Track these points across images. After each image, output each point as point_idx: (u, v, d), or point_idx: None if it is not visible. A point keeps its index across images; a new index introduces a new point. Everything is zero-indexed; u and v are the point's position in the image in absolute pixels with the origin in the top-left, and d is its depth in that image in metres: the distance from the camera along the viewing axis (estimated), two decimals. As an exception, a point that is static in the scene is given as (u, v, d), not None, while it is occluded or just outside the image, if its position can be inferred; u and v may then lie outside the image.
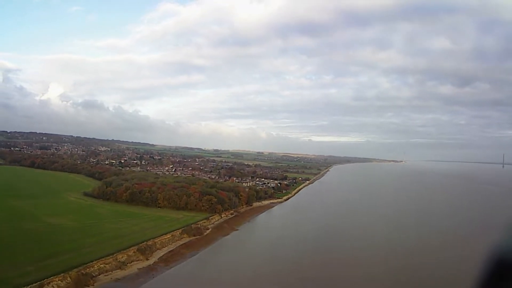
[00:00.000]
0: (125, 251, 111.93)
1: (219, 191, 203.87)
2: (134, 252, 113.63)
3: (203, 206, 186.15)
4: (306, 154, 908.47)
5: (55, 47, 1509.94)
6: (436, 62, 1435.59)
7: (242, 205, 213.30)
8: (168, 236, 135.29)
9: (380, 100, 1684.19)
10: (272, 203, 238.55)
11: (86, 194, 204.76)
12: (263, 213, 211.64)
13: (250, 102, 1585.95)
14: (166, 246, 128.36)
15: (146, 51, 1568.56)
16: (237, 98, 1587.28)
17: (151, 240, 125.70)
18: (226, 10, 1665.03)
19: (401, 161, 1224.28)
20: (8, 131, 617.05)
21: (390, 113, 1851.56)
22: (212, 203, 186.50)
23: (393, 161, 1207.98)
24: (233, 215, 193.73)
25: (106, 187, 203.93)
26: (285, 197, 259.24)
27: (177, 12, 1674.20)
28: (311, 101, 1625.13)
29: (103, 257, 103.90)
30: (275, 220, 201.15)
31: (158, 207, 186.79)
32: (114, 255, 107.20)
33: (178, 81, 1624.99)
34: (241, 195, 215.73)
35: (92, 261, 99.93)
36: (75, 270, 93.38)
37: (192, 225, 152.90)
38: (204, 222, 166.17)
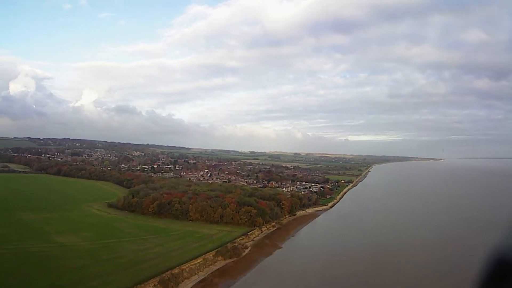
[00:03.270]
0: (142, 284, 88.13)
1: (259, 200, 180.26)
2: (154, 285, 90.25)
3: (240, 219, 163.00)
4: (344, 154, 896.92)
5: (87, 54, 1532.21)
6: (472, 55, 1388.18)
7: (285, 215, 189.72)
8: (199, 261, 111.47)
9: (416, 97, 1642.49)
10: (317, 211, 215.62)
11: (110, 205, 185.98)
12: (309, 224, 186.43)
13: (285, 103, 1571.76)
14: (196, 274, 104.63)
15: (178, 55, 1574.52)
16: (272, 99, 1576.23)
17: (178, 267, 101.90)
18: (256, 10, 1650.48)
19: (440, 159, 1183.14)
20: (41, 138, 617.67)
21: (425, 110, 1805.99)
22: (251, 216, 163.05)
23: (432, 159, 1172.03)
24: (275, 228, 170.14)
25: (132, 197, 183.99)
26: (330, 204, 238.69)
27: (207, 14, 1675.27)
28: (346, 100, 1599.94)
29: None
30: (323, 233, 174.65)
31: (189, 220, 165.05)
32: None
33: (212, 84, 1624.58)
34: (283, 204, 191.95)
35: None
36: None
37: (228, 245, 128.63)
38: (242, 239, 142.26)
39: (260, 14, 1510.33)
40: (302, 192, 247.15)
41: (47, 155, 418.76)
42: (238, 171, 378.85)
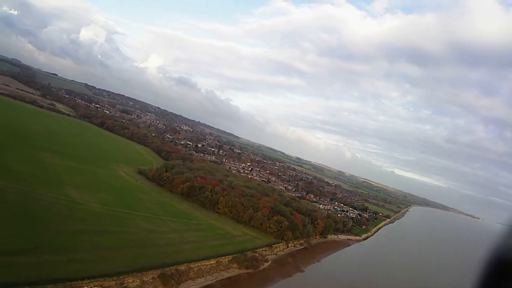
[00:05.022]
0: (140, 273, 77.12)
1: (294, 212, 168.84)
2: (153, 278, 79.14)
3: (270, 227, 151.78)
4: (386, 186, 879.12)
5: (162, 20, 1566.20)
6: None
7: (316, 236, 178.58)
8: (212, 262, 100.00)
9: (471, 148, 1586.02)
10: (349, 239, 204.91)
11: (140, 172, 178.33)
12: (337, 252, 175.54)
13: (343, 119, 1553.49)
14: (203, 276, 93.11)
15: (250, 44, 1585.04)
16: (331, 112, 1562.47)
17: (186, 264, 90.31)
18: (337, 20, 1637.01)
19: (478, 218, 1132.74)
20: (97, 87, 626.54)
21: (477, 164, 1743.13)
22: (281, 227, 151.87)
23: (470, 215, 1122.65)
24: (301, 247, 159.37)
25: (165, 171, 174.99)
26: (364, 235, 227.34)
27: (288, 12, 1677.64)
28: (403, 132, 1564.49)
29: (100, 277, 69.71)
30: (350, 266, 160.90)
31: (216, 212, 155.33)
32: (120, 277, 72.65)
33: (277, 81, 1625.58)
34: (317, 223, 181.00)
35: (76, 280, 65.91)
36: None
37: (248, 253, 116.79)
38: (265, 250, 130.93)
39: (340, 25, 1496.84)
40: (339, 215, 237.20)
41: (97, 105, 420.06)
42: (280, 174, 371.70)
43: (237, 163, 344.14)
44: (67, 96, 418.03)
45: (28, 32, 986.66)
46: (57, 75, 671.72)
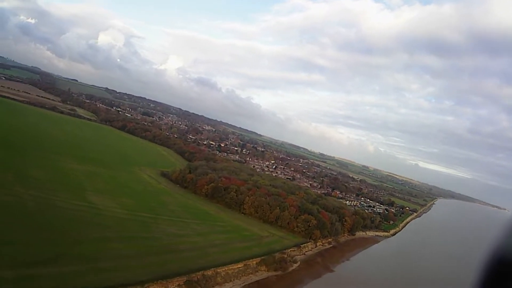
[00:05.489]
0: (165, 281, 74.21)
1: (321, 210, 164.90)
2: (178, 285, 76.27)
3: (297, 226, 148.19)
4: (411, 179, 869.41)
5: (181, 22, 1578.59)
6: None
7: (344, 233, 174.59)
8: (239, 266, 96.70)
9: (495, 138, 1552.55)
10: (377, 235, 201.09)
11: (163, 174, 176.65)
12: (366, 250, 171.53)
13: (365, 113, 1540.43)
14: (231, 281, 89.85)
15: (269, 41, 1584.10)
16: (352, 106, 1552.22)
17: (213, 269, 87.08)
18: (355, 14, 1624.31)
19: (505, 209, 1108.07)
20: (118, 91, 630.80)
21: (501, 154, 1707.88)
22: (309, 226, 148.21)
23: (496, 206, 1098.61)
24: (330, 246, 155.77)
25: (189, 172, 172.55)
26: (392, 231, 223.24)
27: (305, 7, 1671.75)
28: (425, 124, 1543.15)
29: (123, 286, 66.91)
30: (380, 263, 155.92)
31: (242, 213, 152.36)
32: (145, 286, 69.85)
33: (297, 78, 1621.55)
34: (345, 221, 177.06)
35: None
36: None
37: (277, 254, 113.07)
38: (293, 251, 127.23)
39: (358, 18, 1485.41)
40: (366, 211, 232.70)
41: (118, 109, 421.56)
42: (304, 170, 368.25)
43: (261, 162, 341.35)
44: (87, 101, 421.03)
45: (47, 40, 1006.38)
46: (77, 80, 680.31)
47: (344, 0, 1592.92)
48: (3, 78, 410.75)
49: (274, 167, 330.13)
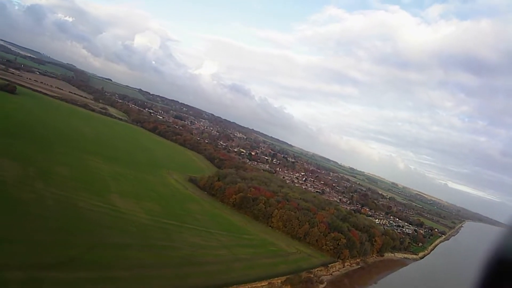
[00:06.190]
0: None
1: (351, 229, 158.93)
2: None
3: (326, 244, 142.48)
4: (440, 199, 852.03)
5: (217, 28, 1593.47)
6: None
7: (372, 254, 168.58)
8: (263, 284, 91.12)
9: None
10: (405, 258, 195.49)
11: (191, 180, 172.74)
12: (395, 273, 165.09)
13: (397, 129, 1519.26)
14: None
15: (305, 51, 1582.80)
16: (384, 122, 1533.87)
17: (235, 285, 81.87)
18: (391, 27, 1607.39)
19: None
20: (151, 93, 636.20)
21: None
22: (338, 244, 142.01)
23: None
24: (358, 266, 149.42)
25: (218, 180, 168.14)
26: (421, 253, 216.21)
27: (342, 19, 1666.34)
28: (457, 143, 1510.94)
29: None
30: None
31: (269, 226, 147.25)
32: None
33: (331, 90, 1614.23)
34: (375, 241, 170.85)
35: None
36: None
37: (303, 273, 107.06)
38: (320, 270, 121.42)
39: (395, 32, 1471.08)
40: (395, 231, 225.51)
41: (150, 110, 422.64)
42: (334, 184, 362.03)
43: (291, 173, 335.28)
44: (120, 100, 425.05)
45: (83, 38, 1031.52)
46: (111, 80, 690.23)
47: (381, 13, 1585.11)
48: (37, 72, 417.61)
49: (304, 179, 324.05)
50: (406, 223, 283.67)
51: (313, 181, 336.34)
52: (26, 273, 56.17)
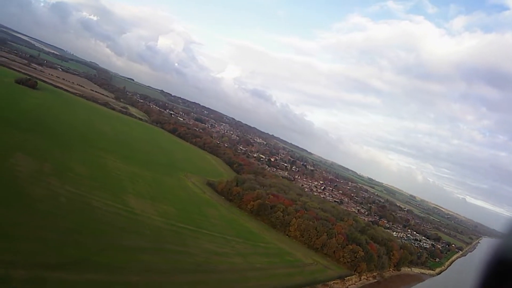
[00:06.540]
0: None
1: (370, 241, 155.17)
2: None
3: (343, 256, 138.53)
4: (457, 214, 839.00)
5: (241, 33, 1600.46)
6: None
7: (389, 267, 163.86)
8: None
9: None
10: (422, 273, 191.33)
11: (209, 184, 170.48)
12: None
13: (417, 141, 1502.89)
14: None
15: (328, 59, 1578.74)
16: (405, 133, 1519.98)
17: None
18: (415, 38, 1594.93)
19: None
20: (172, 95, 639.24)
21: None
22: (356, 257, 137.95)
23: None
24: (374, 281, 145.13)
25: (236, 185, 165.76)
26: (437, 269, 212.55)
27: (366, 28, 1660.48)
28: (477, 158, 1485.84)
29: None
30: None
31: (286, 234, 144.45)
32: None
33: (352, 99, 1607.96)
34: (392, 254, 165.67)
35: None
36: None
37: (319, 286, 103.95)
38: (336, 283, 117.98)
39: (418, 43, 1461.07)
40: (413, 245, 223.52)
41: (171, 112, 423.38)
42: (352, 195, 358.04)
43: (310, 181, 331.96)
44: (141, 100, 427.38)
45: (107, 37, 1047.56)
46: (133, 80, 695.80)
47: (406, 23, 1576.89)
48: (60, 69, 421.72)
49: (322, 188, 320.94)
50: (423, 237, 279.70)
51: (332, 190, 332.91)
52: (30, 272, 53.72)
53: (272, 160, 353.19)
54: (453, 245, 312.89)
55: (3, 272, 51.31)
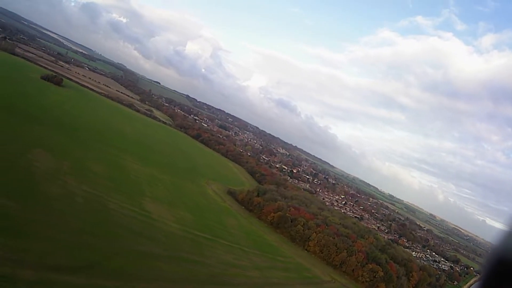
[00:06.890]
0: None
1: (390, 261, 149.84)
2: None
3: (362, 276, 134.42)
4: (476, 236, 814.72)
5: (268, 41, 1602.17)
6: None
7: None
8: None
9: None
10: None
11: (230, 193, 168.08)
12: None
13: (440, 159, 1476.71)
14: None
15: (354, 73, 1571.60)
16: (429, 151, 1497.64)
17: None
18: (444, 54, 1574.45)
19: None
20: (198, 100, 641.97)
21: None
22: (375, 277, 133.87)
23: None
24: None
25: (257, 195, 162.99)
26: None
27: (394, 42, 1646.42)
28: (500, 180, 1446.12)
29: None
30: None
31: (306, 249, 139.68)
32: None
33: (378, 113, 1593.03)
34: (412, 276, 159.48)
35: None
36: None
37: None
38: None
39: (446, 60, 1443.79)
40: (432, 266, 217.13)
41: (196, 117, 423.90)
42: (373, 211, 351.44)
43: (331, 195, 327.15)
44: (166, 104, 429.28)
45: (136, 40, 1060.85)
46: (159, 83, 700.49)
47: (434, 39, 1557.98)
48: (87, 68, 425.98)
49: (343, 202, 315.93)
50: (442, 259, 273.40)
51: (353, 205, 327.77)
52: (38, 273, 51.64)
53: (295, 171, 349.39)
54: (471, 268, 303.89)
55: (9, 271, 49.32)
